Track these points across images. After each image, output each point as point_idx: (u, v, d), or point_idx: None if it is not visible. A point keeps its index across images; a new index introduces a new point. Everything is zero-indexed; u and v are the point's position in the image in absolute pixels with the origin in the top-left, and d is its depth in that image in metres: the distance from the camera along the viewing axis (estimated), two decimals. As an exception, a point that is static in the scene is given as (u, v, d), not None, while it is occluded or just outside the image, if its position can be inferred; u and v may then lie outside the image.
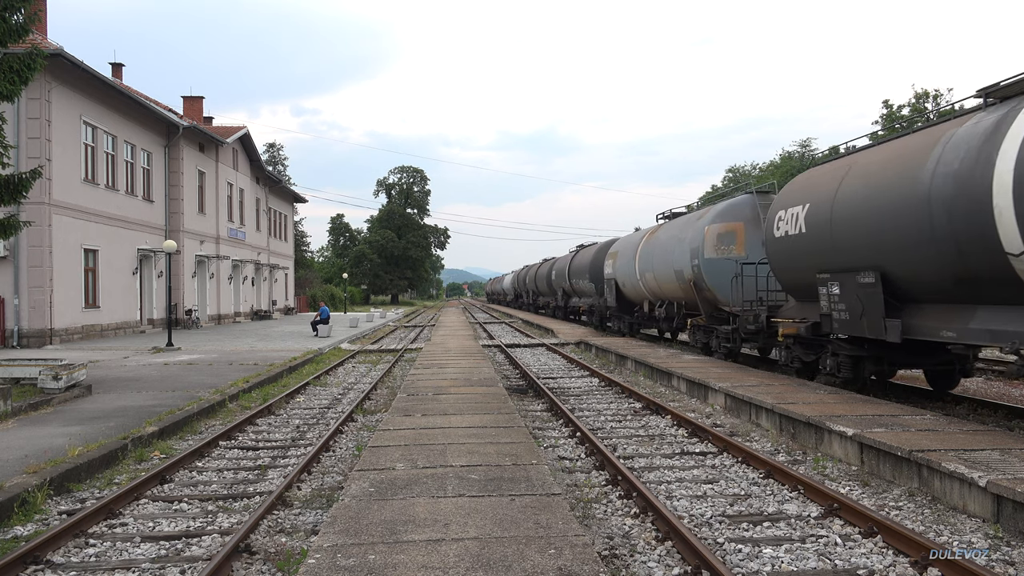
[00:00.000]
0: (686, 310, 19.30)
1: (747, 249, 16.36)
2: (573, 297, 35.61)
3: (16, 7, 12.06)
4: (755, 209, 16.73)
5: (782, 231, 12.98)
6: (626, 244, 24.87)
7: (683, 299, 18.97)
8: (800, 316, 12.93)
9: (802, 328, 12.49)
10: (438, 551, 4.87)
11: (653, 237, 21.37)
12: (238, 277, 41.83)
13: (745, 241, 16.48)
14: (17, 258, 23.14)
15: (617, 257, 25.11)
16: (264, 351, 22.19)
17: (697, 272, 16.87)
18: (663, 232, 20.56)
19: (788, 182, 14.44)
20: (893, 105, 48.48)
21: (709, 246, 16.62)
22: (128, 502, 7.21)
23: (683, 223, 19.12)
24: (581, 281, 32.22)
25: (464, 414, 10.01)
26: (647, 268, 21.11)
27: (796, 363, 13.31)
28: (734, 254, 16.38)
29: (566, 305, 37.33)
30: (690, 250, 17.35)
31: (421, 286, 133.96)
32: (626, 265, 23.63)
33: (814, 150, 68.31)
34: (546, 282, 43.01)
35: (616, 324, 27.09)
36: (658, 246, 20.31)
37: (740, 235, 16.54)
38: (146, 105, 29.64)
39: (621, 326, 26.31)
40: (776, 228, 13.24)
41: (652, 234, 21.86)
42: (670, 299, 20.16)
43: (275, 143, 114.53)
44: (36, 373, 12.69)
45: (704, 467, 8.45)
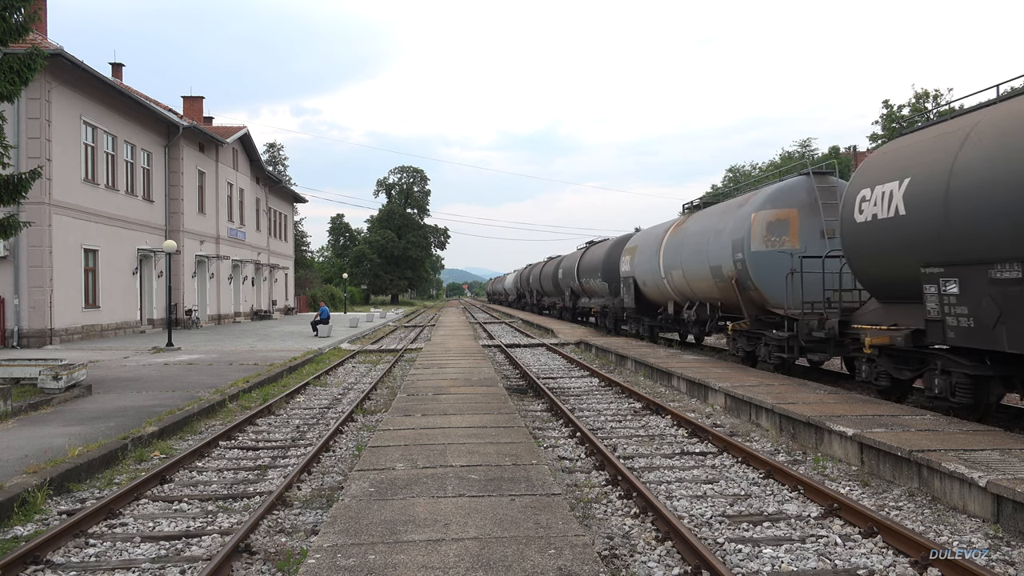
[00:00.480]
0: (722, 312, 16.81)
1: (803, 240, 13.97)
2: (582, 297, 33.40)
3: (16, 7, 12.06)
4: (812, 193, 14.27)
5: (867, 215, 10.53)
6: (647, 238, 22.58)
7: (719, 300, 16.52)
8: (889, 322, 10.54)
9: (898, 338, 10.03)
10: (438, 551, 4.87)
11: (680, 229, 19.00)
12: (238, 277, 41.83)
13: (800, 231, 14.07)
14: (17, 258, 23.14)
15: (636, 253, 22.84)
16: (264, 351, 22.19)
17: (741, 268, 14.53)
18: (693, 223, 18.17)
19: (872, 154, 12.03)
20: (893, 105, 48.49)
21: (756, 237, 14.16)
22: (128, 502, 7.21)
23: (720, 211, 16.63)
24: (592, 280, 29.95)
25: (464, 414, 10.01)
26: (673, 264, 18.82)
27: (883, 380, 10.90)
28: (787, 246, 13.99)
29: (574, 306, 35.14)
30: (731, 242, 14.91)
31: (421, 286, 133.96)
32: (647, 262, 21.36)
33: (814, 150, 68.31)
34: (552, 281, 40.78)
35: (634, 327, 24.72)
36: (688, 239, 17.94)
37: (794, 224, 14.10)
38: (146, 105, 29.64)
39: (640, 329, 23.97)
40: (858, 211, 10.80)
41: (679, 226, 19.43)
42: (702, 300, 17.70)
43: (275, 143, 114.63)
44: (36, 373, 12.68)
45: (704, 467, 8.45)
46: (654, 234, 21.86)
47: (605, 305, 28.09)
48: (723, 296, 16.11)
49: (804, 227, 14.11)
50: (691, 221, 18.58)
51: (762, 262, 14.12)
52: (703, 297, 17.60)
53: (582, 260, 32.49)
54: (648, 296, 22.31)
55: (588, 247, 33.18)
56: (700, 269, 16.90)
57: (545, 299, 46.35)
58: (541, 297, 47.88)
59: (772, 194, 14.62)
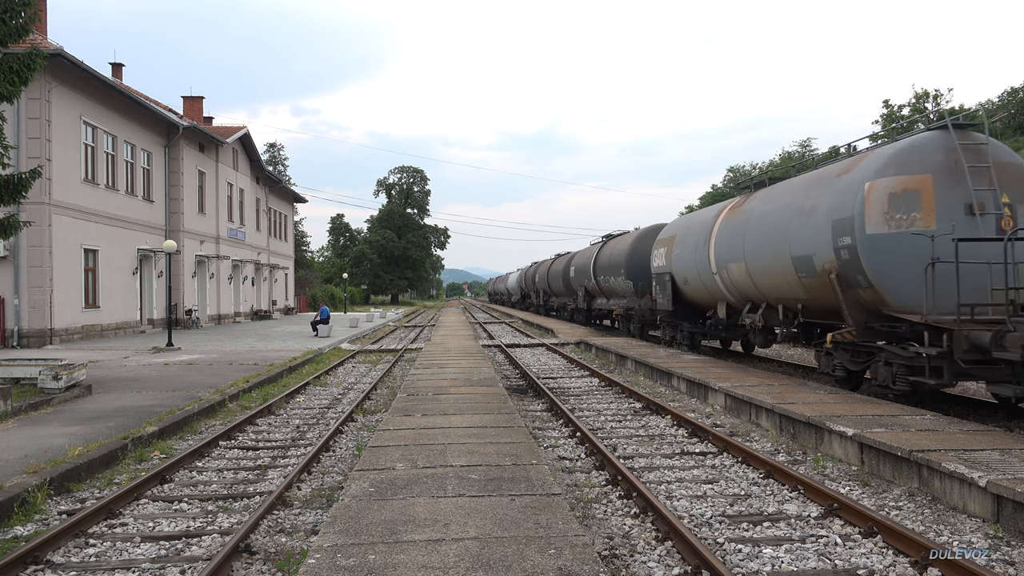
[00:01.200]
0: (804, 317, 13.22)
1: (941, 218, 10.18)
2: (599, 298, 29.79)
3: (17, 10, 12.06)
4: (951, 153, 10.42)
5: None
6: (689, 226, 18.79)
7: (802, 301, 12.91)
8: None
9: None
10: (438, 551, 4.87)
11: (740, 212, 15.27)
12: (238, 277, 41.83)
13: (937, 205, 10.23)
14: (17, 258, 23.14)
15: (674, 245, 19.05)
16: (264, 351, 22.19)
17: (848, 257, 10.79)
18: (761, 203, 14.43)
19: None
20: (894, 105, 48.51)
21: (874, 214, 10.37)
22: (128, 502, 7.21)
23: (806, 184, 12.86)
24: (613, 278, 26.30)
25: (464, 414, 10.01)
26: (731, 256, 15.13)
27: None
28: (920, 226, 10.18)
29: (589, 308, 31.51)
30: (831, 224, 11.22)
31: (421, 286, 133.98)
32: (690, 255, 17.63)
33: (814, 150, 68.35)
34: (562, 280, 36.98)
35: (668, 333, 20.97)
36: (754, 224, 14.15)
37: (927, 195, 10.27)
38: (146, 105, 29.64)
39: (678, 336, 20.24)
40: None
41: (736, 208, 15.77)
42: (774, 301, 13.98)
43: (275, 143, 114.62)
44: (36, 373, 12.69)
45: (704, 467, 8.45)
46: (700, 220, 18.10)
47: (629, 307, 24.68)
48: (811, 296, 12.44)
49: (942, 200, 10.28)
50: (756, 201, 14.74)
51: (883, 248, 10.32)
52: (777, 297, 13.84)
53: (600, 256, 28.85)
54: (690, 296, 18.67)
55: (606, 241, 29.64)
56: (775, 261, 13.19)
57: (553, 300, 42.54)
58: (549, 298, 44.20)
59: (895, 156, 10.63)
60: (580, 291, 32.25)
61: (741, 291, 15.33)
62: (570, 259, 36.06)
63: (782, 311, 13.86)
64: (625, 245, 25.16)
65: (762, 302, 14.59)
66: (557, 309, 42.03)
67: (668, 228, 21.11)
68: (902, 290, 10.28)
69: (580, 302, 32.47)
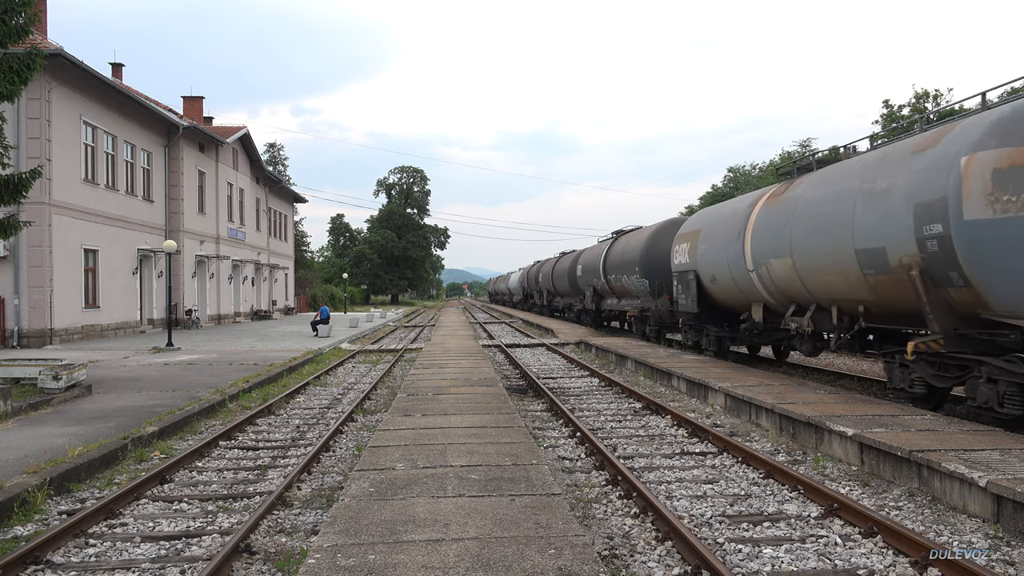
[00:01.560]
0: (866, 322, 11.33)
1: None
2: (609, 298, 28.00)
3: (17, 10, 12.07)
4: None
5: None
6: (717, 218, 16.89)
7: (868, 302, 10.99)
8: None
9: None
10: (438, 551, 4.87)
11: (784, 200, 13.26)
12: (238, 277, 41.83)
13: None
14: (17, 258, 23.14)
15: (699, 239, 17.18)
16: (264, 351, 22.19)
17: (937, 249, 8.90)
18: (810, 188, 12.39)
19: None
20: (893, 105, 48.54)
21: (974, 196, 8.34)
22: (128, 502, 7.21)
23: (873, 163, 10.81)
24: (625, 277, 24.43)
25: (464, 414, 10.01)
26: (772, 250, 13.14)
27: None
28: None
29: (598, 308, 29.59)
30: (912, 208, 9.29)
31: (421, 286, 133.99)
32: (720, 250, 15.70)
33: (815, 150, 68.38)
34: (567, 280, 35.09)
35: (691, 337, 18.82)
36: (802, 212, 12.21)
37: None
38: (146, 105, 29.64)
39: (703, 341, 18.06)
40: None
41: (777, 196, 13.75)
42: (828, 302, 12.02)
43: (275, 143, 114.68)
44: (36, 373, 12.69)
45: (704, 467, 8.45)
46: (730, 211, 16.10)
47: (645, 308, 22.75)
48: (878, 297, 10.57)
49: None
50: (803, 187, 12.74)
51: (986, 238, 8.31)
52: (831, 298, 11.85)
53: (610, 253, 26.97)
54: (718, 297, 16.71)
55: (616, 237, 27.88)
56: (831, 255, 11.22)
57: (558, 300, 40.41)
58: (553, 298, 42.11)
59: (1000, 123, 8.42)
60: (588, 291, 30.43)
61: (784, 291, 13.33)
62: (576, 257, 34.14)
63: (836, 314, 11.87)
64: (640, 241, 23.28)
65: (810, 304, 12.58)
66: (562, 310, 40.18)
67: (692, 221, 19.04)
68: (1010, 289, 8.26)
69: (588, 302, 30.49)
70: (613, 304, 27.50)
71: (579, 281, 32.39)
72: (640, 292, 23.26)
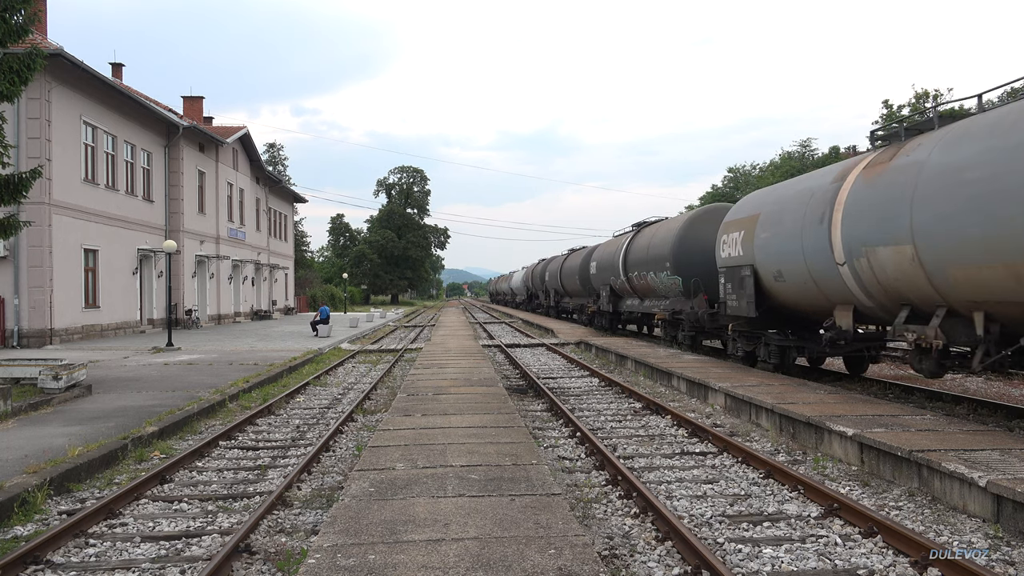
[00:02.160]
0: None
1: None
2: (629, 299, 24.85)
3: (16, 8, 12.07)
4: None
5: None
6: (784, 198, 13.71)
7: None
8: None
9: None
10: (438, 551, 4.87)
11: (891, 169, 10.27)
12: (238, 277, 41.84)
13: None
14: (17, 258, 23.14)
15: (758, 226, 14.12)
16: (264, 351, 22.19)
17: None
18: (941, 151, 9.32)
19: None
20: (893, 105, 48.53)
21: None
22: (128, 502, 7.21)
23: None
24: (652, 274, 21.28)
25: (464, 414, 10.01)
26: (881, 237, 10.14)
27: None
28: None
29: (615, 310, 26.45)
30: None
31: (421, 286, 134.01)
32: (790, 239, 12.72)
33: (814, 150, 68.32)
34: (579, 278, 32.24)
35: (744, 347, 15.47)
36: (931, 183, 9.23)
37: None
38: (146, 105, 29.64)
39: (761, 351, 14.63)
40: None
41: (881, 165, 10.63)
42: (973, 305, 9.03)
43: (275, 143, 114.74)
44: (36, 373, 12.69)
45: (704, 467, 8.45)
46: (804, 189, 12.97)
47: (677, 310, 19.57)
48: None
49: None
50: (925, 149, 9.69)
51: None
52: (980, 300, 8.86)
53: (632, 247, 23.84)
54: (783, 297, 13.62)
55: (639, 229, 24.85)
56: (989, 240, 8.28)
57: (567, 301, 37.28)
58: (561, 298, 39.16)
59: None
60: (603, 290, 27.07)
61: (894, 290, 10.37)
62: (589, 253, 31.00)
63: (983, 322, 8.91)
64: (671, 232, 20.20)
65: (937, 307, 9.67)
66: (572, 312, 36.45)
67: (745, 204, 15.73)
68: None
69: (604, 303, 27.19)
70: (634, 305, 24.23)
71: (593, 280, 29.42)
72: (670, 292, 20.29)
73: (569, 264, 35.85)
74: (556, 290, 40.35)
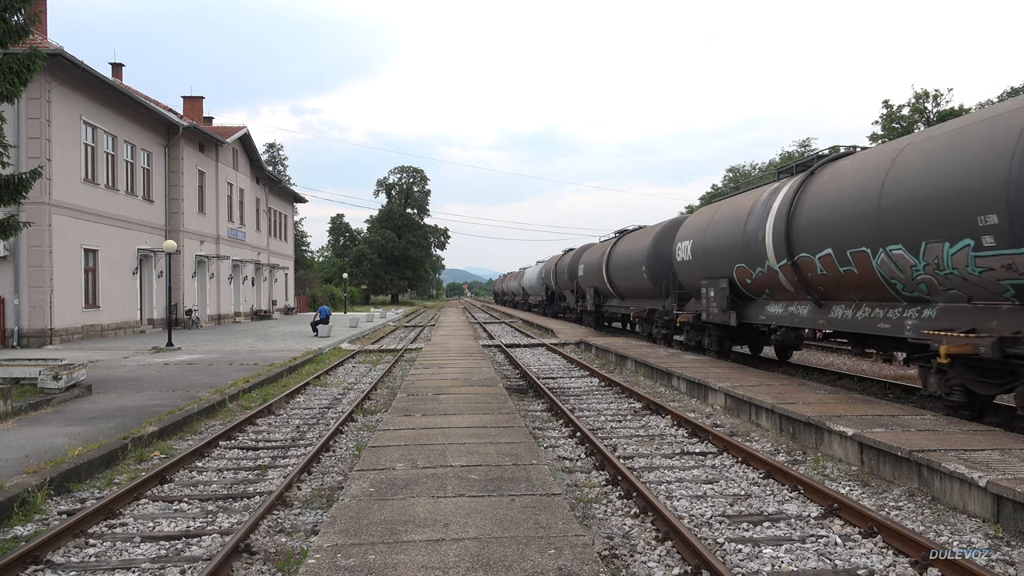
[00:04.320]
0: None
1: None
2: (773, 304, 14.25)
3: (16, 8, 12.07)
4: None
5: None
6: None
7: None
8: None
9: None
10: (438, 551, 4.87)
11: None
12: (238, 277, 41.83)
13: None
14: (17, 258, 23.14)
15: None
16: (264, 351, 22.19)
17: None
18: None
19: None
20: (893, 105, 48.50)
21: None
22: (128, 502, 7.21)
23: None
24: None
25: (464, 414, 10.01)
26: None
27: None
28: None
29: (704, 322, 17.24)
30: None
31: (421, 286, 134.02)
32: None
33: (814, 150, 68.40)
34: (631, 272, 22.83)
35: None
36: None
37: None
38: (146, 105, 29.64)
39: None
40: None
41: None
42: None
43: (275, 143, 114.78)
44: (36, 373, 12.69)
45: (704, 467, 8.45)
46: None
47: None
48: None
49: None
50: None
51: None
52: None
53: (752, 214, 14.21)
54: None
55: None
56: None
57: (612, 304, 27.14)
58: (605, 300, 28.15)
59: None
60: (714, 289, 16.18)
61: None
62: (651, 237, 21.23)
63: None
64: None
65: None
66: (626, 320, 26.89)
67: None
68: None
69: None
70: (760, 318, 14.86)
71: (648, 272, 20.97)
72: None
73: (619, 253, 24.81)
74: (598, 288, 28.46)
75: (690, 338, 18.57)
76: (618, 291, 24.57)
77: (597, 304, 27.91)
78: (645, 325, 22.10)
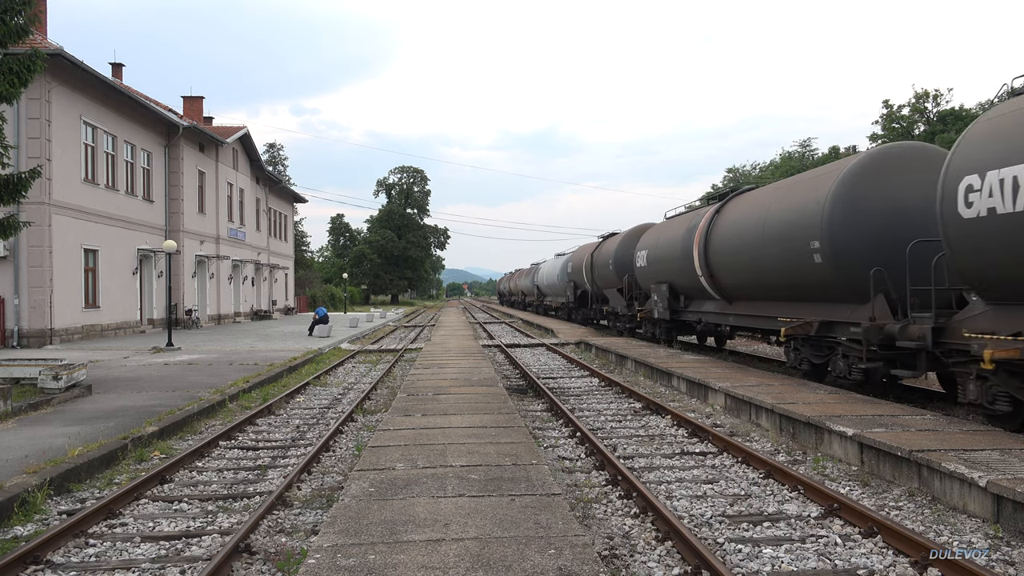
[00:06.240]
0: None
1: None
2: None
3: (16, 9, 12.06)
4: None
5: None
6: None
7: None
8: None
9: None
10: (438, 551, 4.87)
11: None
12: (238, 277, 41.83)
13: None
14: (17, 258, 23.14)
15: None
16: (264, 351, 22.18)
17: None
18: None
19: None
20: (893, 105, 48.51)
21: None
22: (128, 502, 7.21)
23: None
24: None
25: (464, 414, 10.01)
26: None
27: None
28: None
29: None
30: None
31: (421, 286, 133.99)
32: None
33: (814, 150, 68.29)
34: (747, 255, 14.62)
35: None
36: None
37: None
38: (146, 105, 29.64)
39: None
40: None
41: None
42: None
43: (275, 143, 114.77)
44: (36, 373, 12.69)
45: (704, 467, 8.45)
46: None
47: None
48: None
49: None
50: None
51: None
52: None
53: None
54: None
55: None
56: None
57: (689, 308, 18.92)
58: (685, 303, 19.22)
59: None
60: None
61: None
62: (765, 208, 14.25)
63: None
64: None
65: None
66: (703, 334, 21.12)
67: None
68: None
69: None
70: None
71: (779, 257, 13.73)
72: None
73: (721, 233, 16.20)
74: (674, 287, 19.57)
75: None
76: (724, 288, 16.52)
77: (673, 308, 19.53)
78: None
